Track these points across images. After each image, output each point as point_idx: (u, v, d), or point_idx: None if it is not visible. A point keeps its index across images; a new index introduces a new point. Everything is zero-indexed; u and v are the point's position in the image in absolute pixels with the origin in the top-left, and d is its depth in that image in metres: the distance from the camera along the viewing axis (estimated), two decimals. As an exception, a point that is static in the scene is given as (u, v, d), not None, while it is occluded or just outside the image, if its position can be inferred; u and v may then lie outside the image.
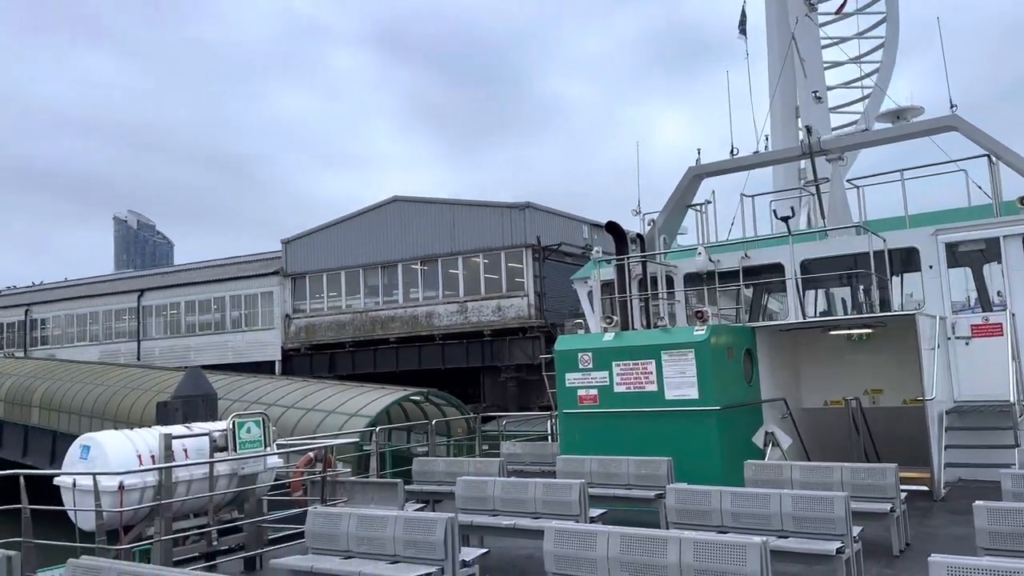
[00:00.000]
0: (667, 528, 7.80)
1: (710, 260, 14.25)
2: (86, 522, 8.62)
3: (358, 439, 15.75)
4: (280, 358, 38.02)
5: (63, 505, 9.01)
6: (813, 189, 15.56)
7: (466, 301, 33.84)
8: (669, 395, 11.69)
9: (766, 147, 17.84)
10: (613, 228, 15.11)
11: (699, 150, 15.99)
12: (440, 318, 34.38)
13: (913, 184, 14.39)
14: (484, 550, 7.98)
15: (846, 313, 17.13)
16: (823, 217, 15.34)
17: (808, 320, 13.82)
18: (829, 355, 14.70)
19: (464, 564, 7.11)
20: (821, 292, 17.63)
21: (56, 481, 9.15)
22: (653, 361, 11.90)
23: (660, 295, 15.50)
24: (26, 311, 47.76)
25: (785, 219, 13.25)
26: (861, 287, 16.66)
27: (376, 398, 23.52)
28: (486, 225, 33.71)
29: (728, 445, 11.38)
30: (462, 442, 21.07)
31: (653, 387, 11.87)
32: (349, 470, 12.45)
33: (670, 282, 15.89)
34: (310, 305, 38.29)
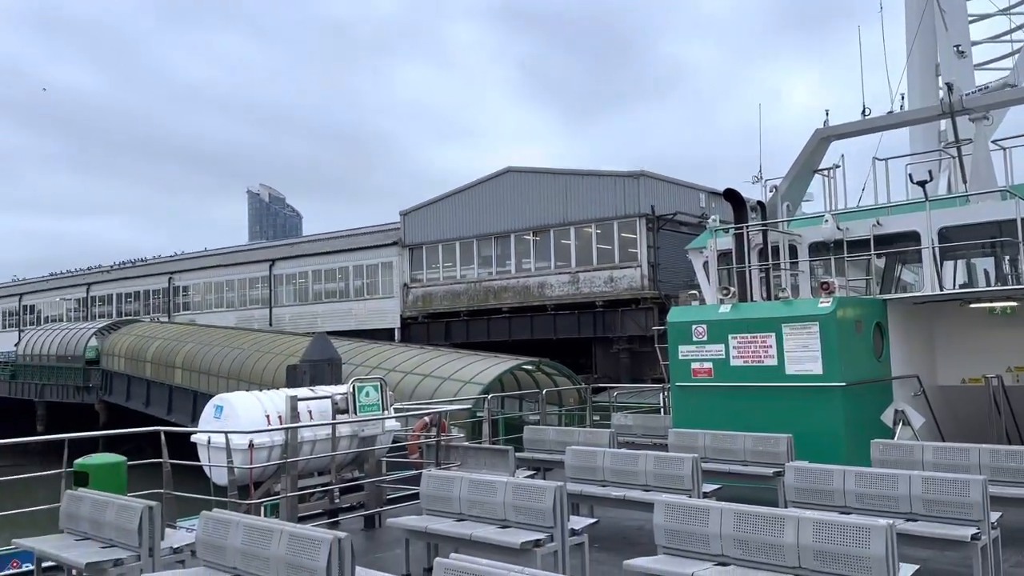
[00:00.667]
0: (785, 507, 7.51)
1: (838, 228, 13.48)
2: (219, 477, 9.23)
3: (471, 405, 16.07)
4: (399, 326, 39.29)
5: (199, 461, 9.69)
6: (954, 151, 14.35)
7: (578, 272, 33.70)
8: (790, 370, 11.23)
9: (901, 107, 16.61)
10: (732, 195, 14.54)
11: (827, 111, 15.06)
12: (552, 288, 34.44)
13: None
14: (594, 519, 7.97)
15: (988, 285, 15.83)
16: (964, 181, 14.14)
17: (946, 292, 12.87)
18: (968, 330, 13.66)
19: (573, 532, 7.12)
20: (960, 263, 16.34)
21: (192, 438, 9.85)
22: (773, 334, 11.45)
23: (782, 265, 14.83)
24: (169, 279, 51.45)
25: (922, 183, 12.32)
26: (1007, 257, 15.34)
27: (489, 366, 23.91)
28: (599, 195, 33.34)
29: (853, 423, 10.84)
30: (573, 412, 21.12)
31: (772, 361, 11.44)
32: (463, 435, 12.73)
33: (793, 252, 15.15)
34: (427, 275, 39.26)
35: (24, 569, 8.69)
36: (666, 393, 16.81)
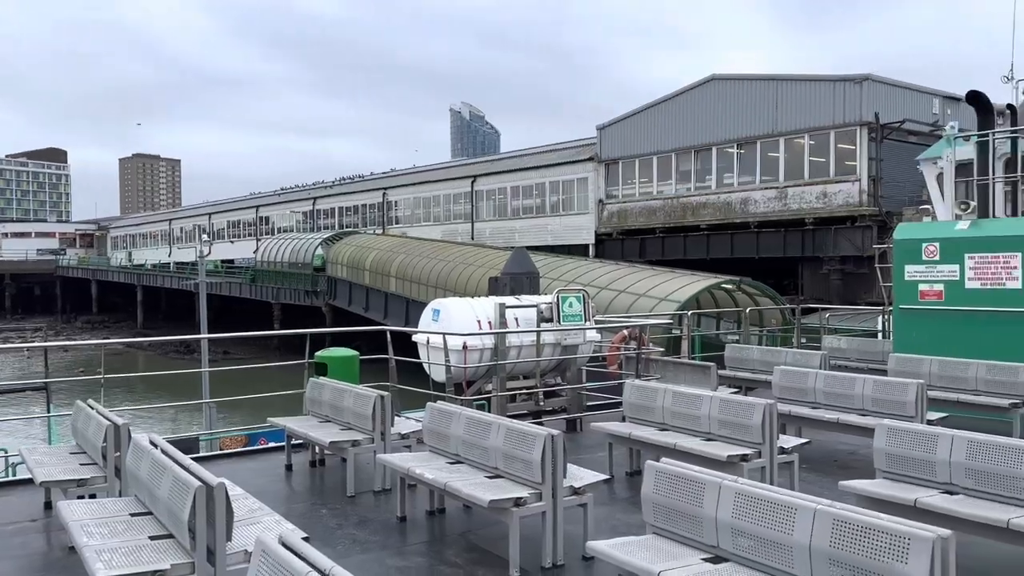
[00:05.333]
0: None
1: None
2: (438, 374, 10.00)
3: (670, 321, 15.98)
4: (593, 242, 39.47)
5: (419, 359, 10.54)
6: None
7: (786, 187, 31.73)
8: (1037, 294, 10.03)
9: None
10: (976, 98, 12.94)
11: (1106, -7, 12.75)
12: (756, 205, 32.78)
13: None
14: (805, 440, 7.76)
15: None
16: None
17: None
18: None
19: (782, 450, 6.99)
20: None
21: (413, 338, 10.69)
22: (1019, 255, 10.24)
23: (1034, 177, 13.07)
24: (383, 194, 55.05)
25: None
26: None
27: (686, 284, 23.52)
28: (814, 102, 30.82)
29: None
30: (776, 333, 20.34)
31: (1016, 284, 10.28)
32: (662, 350, 12.75)
33: (1048, 162, 13.27)
34: (622, 191, 38.84)
35: (272, 445, 10.03)
36: (886, 316, 15.69)
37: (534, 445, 5.63)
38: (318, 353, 9.99)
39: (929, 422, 8.10)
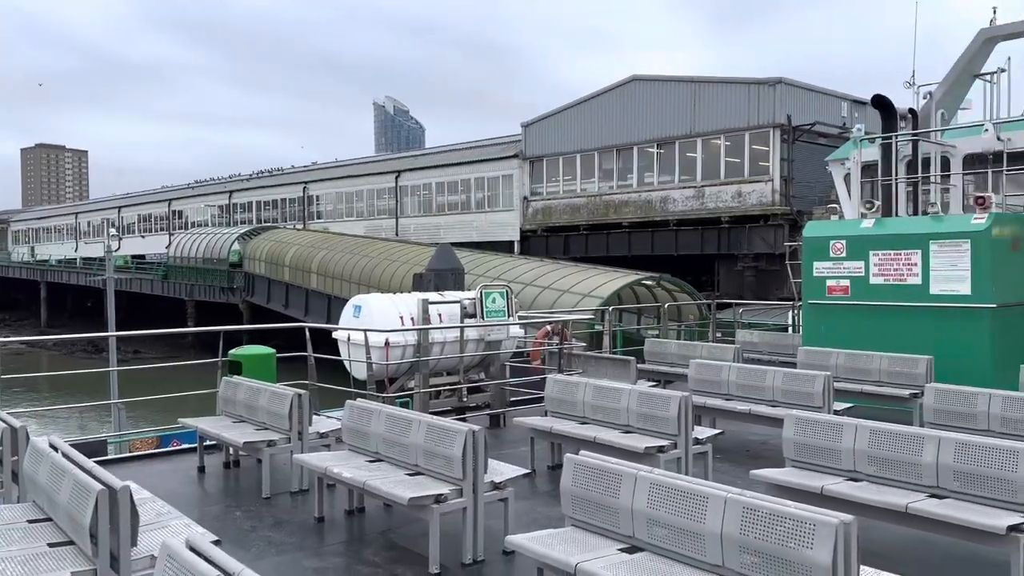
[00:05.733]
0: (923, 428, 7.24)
1: (998, 139, 12.34)
2: (359, 371, 9.85)
3: (592, 316, 16.21)
4: (518, 238, 39.66)
5: (339, 357, 10.36)
6: None
7: (703, 186, 32.62)
8: (934, 289, 10.61)
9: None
10: (880, 102, 13.55)
11: (994, 9, 13.57)
12: (675, 203, 33.58)
13: None
14: (718, 430, 7.99)
15: None
16: None
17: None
18: None
19: (697, 441, 7.18)
20: None
21: (334, 335, 10.50)
22: (919, 252, 10.79)
23: (932, 179, 13.81)
24: (304, 188, 53.86)
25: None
26: None
27: (608, 280, 23.90)
28: (730, 104, 31.76)
29: (1002, 348, 10.18)
30: (693, 328, 20.90)
31: (916, 280, 10.82)
32: (584, 345, 12.92)
33: (945, 165, 14.05)
34: (547, 188, 39.14)
35: (184, 447, 9.69)
36: (796, 311, 16.31)
37: (455, 441, 5.61)
38: (232, 351, 9.69)
39: (835, 412, 8.46)
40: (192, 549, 3.18)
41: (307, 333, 9.69)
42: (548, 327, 13.32)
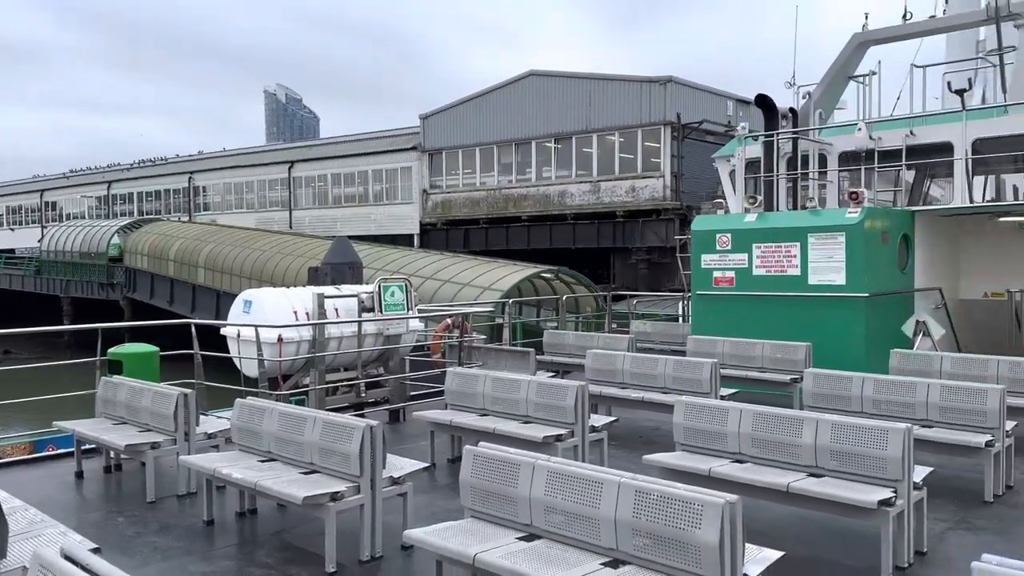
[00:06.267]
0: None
1: (870, 137, 13.18)
2: (249, 369, 9.51)
3: (493, 309, 16.28)
4: (418, 232, 39.35)
5: (228, 354, 9.97)
6: (995, 59, 13.79)
7: (599, 181, 33.34)
8: (812, 280, 11.24)
9: (944, 12, 15.90)
10: (763, 101, 14.19)
11: (867, 14, 14.46)
12: (572, 197, 34.17)
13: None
14: (613, 419, 8.19)
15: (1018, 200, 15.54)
16: (1004, 91, 13.66)
17: (976, 204, 12.66)
18: (995, 245, 13.52)
19: (593, 429, 7.33)
20: (991, 179, 16.01)
21: (223, 331, 10.09)
22: (798, 244, 11.40)
23: (811, 175, 14.60)
24: (189, 179, 51.48)
25: (960, 92, 11.93)
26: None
27: (508, 273, 24.05)
28: (624, 101, 32.56)
29: (874, 334, 10.91)
30: (591, 319, 21.35)
31: (796, 271, 11.43)
32: (484, 337, 12.96)
33: (823, 161, 14.89)
34: (446, 181, 39.00)
35: (61, 451, 9.10)
36: (685, 302, 16.90)
37: (352, 437, 5.51)
38: (112, 350, 9.16)
39: (722, 397, 8.84)
40: (68, 558, 2.99)
41: (193, 330, 9.27)
42: (448, 320, 13.29)
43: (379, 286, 10.17)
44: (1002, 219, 12.83)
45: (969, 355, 8.87)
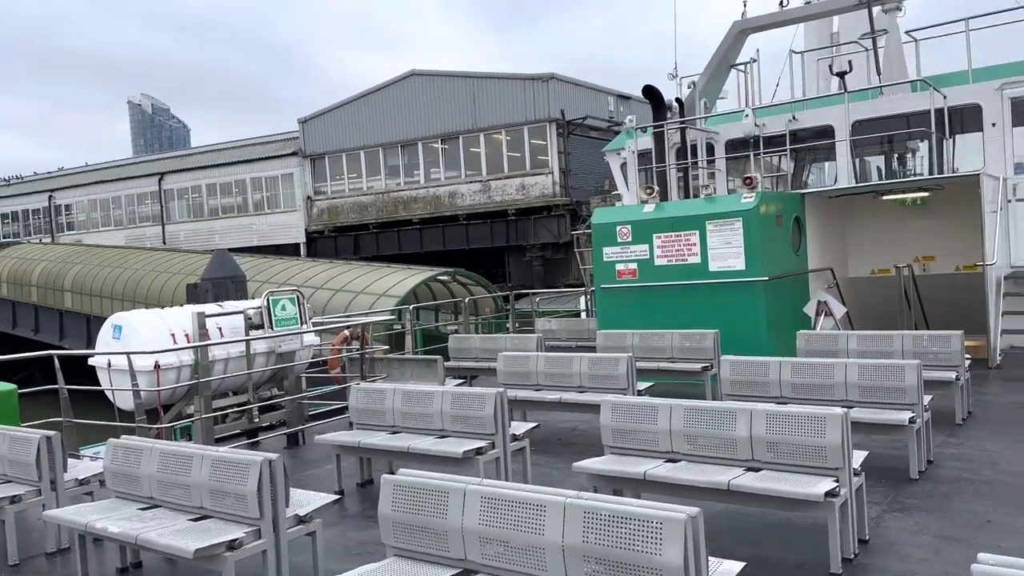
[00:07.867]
0: (721, 400, 7.49)
1: (756, 124, 13.41)
2: (124, 402, 8.51)
3: (392, 316, 15.59)
4: (304, 241, 37.84)
5: (99, 386, 8.90)
6: (868, 43, 14.35)
7: (489, 180, 33.04)
8: (713, 267, 11.23)
9: (817, -1, 16.49)
10: (650, 93, 14.21)
11: (745, 3, 14.77)
12: (463, 198, 33.72)
13: (979, 36, 13.25)
14: (534, 424, 7.78)
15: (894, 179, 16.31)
16: (878, 73, 14.24)
17: (864, 184, 13.09)
18: (879, 223, 14.06)
19: (515, 438, 6.89)
20: (868, 160, 16.74)
21: (91, 362, 9.00)
22: (697, 232, 11.37)
23: (700, 164, 14.75)
24: (50, 197, 47.61)
25: (841, 74, 12.28)
26: (910, 151, 15.75)
27: (403, 278, 23.32)
28: (508, 99, 32.39)
29: (775, 316, 11.01)
30: (492, 320, 20.96)
31: (696, 259, 11.40)
32: (387, 348, 12.29)
33: (710, 150, 15.08)
34: (331, 187, 37.69)
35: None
36: (588, 297, 16.78)
37: (248, 475, 4.82)
38: (-43, 392, 7.95)
39: (639, 392, 8.60)
40: None
41: (56, 362, 8.19)
42: (346, 332, 12.52)
43: (268, 300, 9.36)
44: (885, 197, 13.32)
45: (874, 332, 9.01)
